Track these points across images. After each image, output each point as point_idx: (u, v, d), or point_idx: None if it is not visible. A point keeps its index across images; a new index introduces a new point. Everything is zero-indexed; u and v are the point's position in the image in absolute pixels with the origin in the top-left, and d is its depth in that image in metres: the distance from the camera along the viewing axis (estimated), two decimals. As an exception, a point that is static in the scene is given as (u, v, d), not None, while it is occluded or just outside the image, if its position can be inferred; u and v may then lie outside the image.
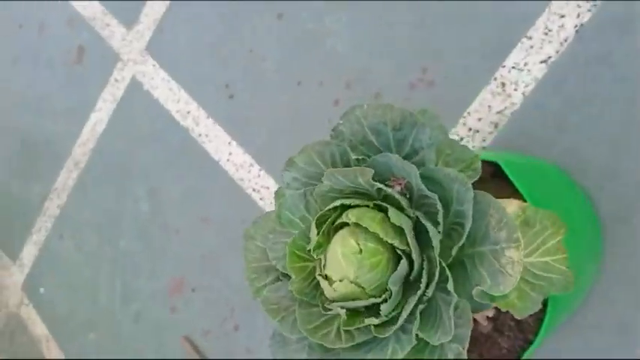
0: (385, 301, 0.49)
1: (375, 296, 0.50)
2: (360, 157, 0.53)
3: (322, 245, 0.52)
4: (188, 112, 1.24)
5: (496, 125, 0.89)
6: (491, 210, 0.48)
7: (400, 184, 0.52)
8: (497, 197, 0.55)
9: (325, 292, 0.52)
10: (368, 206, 0.52)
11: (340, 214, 0.52)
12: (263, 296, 0.56)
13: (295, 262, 0.53)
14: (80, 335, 1.42)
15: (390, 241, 0.49)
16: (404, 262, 0.49)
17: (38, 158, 1.53)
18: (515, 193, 0.63)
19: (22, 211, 1.56)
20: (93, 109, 1.40)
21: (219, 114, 1.20)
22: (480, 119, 0.90)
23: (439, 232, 0.49)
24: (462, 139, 0.92)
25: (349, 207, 0.52)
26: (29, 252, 1.54)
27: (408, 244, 0.49)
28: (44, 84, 1.51)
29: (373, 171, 0.50)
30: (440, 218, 0.49)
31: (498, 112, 0.89)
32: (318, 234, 0.52)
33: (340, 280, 0.50)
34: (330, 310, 0.51)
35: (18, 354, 1.55)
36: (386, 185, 0.51)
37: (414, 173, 0.49)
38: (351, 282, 0.49)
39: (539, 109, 0.85)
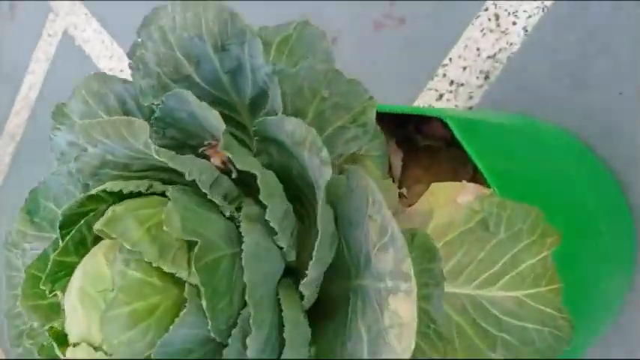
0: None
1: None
2: (157, 103, 0.28)
3: (64, 270, 0.28)
4: (121, 71, 1.01)
5: (487, 76, 0.63)
6: (369, 208, 0.23)
7: (220, 153, 0.27)
8: (440, 179, 0.31)
9: None
10: (155, 194, 0.27)
11: (104, 212, 0.27)
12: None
13: (30, 299, 0.29)
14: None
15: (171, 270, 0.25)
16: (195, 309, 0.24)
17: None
18: (478, 174, 0.37)
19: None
20: (26, 72, 1.19)
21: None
22: (465, 68, 0.64)
23: (282, 248, 0.25)
24: (440, 96, 0.66)
25: (124, 196, 0.28)
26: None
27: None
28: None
29: (147, 126, 0.25)
30: (275, 223, 0.24)
31: (490, 57, 0.63)
32: (61, 248, 0.28)
33: (76, 344, 0.26)
34: None
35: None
36: (199, 153, 0.27)
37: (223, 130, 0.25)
38: (95, 348, 0.25)
39: (547, 52, 0.59)
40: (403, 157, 0.40)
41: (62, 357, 0.27)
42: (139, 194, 0.27)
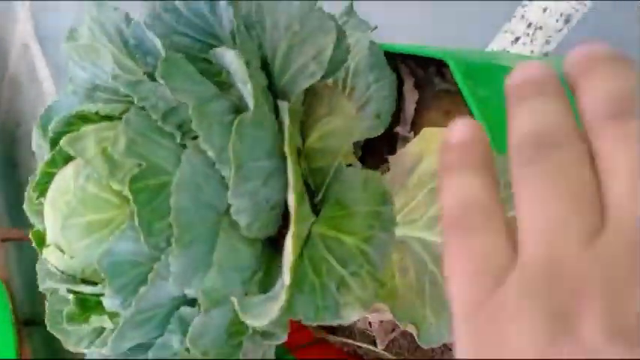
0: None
1: (91, 282, 0.28)
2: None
3: (49, 180, 0.31)
4: None
5: (567, 19, 0.57)
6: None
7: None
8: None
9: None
10: None
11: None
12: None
13: (31, 204, 0.32)
14: None
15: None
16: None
17: None
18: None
19: None
20: None
21: None
22: (545, 9, 0.59)
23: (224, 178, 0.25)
24: (517, 39, 0.62)
25: (107, 118, 0.30)
26: None
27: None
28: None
29: (110, 55, 0.27)
30: (213, 152, 0.25)
31: (573, -2, 0.57)
32: (48, 160, 0.30)
33: (48, 245, 0.29)
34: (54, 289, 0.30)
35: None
36: None
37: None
38: (60, 250, 0.28)
39: (636, -7, 0.53)
40: (422, 100, 0.39)
41: (42, 256, 0.31)
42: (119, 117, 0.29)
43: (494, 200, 0.19)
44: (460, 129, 0.21)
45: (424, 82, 0.39)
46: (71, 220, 0.27)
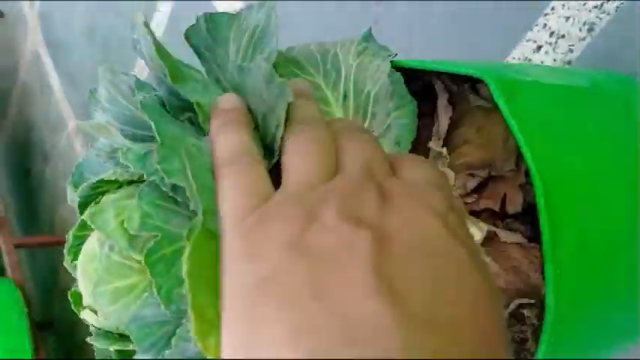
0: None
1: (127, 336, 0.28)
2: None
3: (81, 243, 0.32)
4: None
5: (591, 27, 0.57)
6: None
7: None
8: (489, 142, 0.31)
9: None
10: None
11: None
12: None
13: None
14: None
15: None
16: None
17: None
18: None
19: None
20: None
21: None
22: (568, 18, 0.59)
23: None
24: (539, 48, 0.61)
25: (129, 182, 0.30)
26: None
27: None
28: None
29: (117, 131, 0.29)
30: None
31: (596, 7, 0.57)
32: (78, 225, 0.31)
33: (84, 308, 0.30)
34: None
35: None
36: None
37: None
38: (95, 312, 0.29)
39: (661, 2, 0.52)
40: (455, 116, 0.38)
41: (80, 316, 0.32)
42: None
43: (257, 148, 0.26)
44: (225, 99, 0.27)
45: (458, 98, 0.39)
46: (99, 288, 0.29)
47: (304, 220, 0.22)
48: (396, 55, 0.37)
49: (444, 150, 0.36)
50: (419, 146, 0.38)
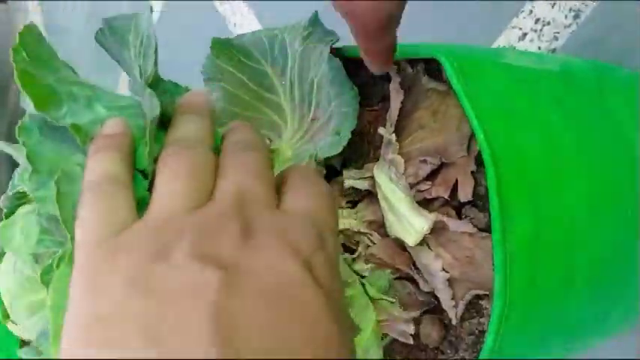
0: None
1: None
2: None
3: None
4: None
5: (577, 14, 0.55)
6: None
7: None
8: (444, 127, 0.30)
9: None
10: None
11: None
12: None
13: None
14: None
15: None
16: None
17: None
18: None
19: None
20: None
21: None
22: (553, 5, 0.57)
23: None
24: (524, 35, 0.60)
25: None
26: None
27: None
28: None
29: None
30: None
31: (582, -7, 0.55)
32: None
33: (8, 321, 0.30)
34: None
35: None
36: None
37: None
38: (17, 326, 0.29)
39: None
40: (409, 100, 0.37)
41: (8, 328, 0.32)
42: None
43: (127, 175, 0.24)
44: (108, 124, 0.26)
45: (412, 81, 0.37)
46: (15, 302, 0.28)
47: (154, 255, 0.21)
48: (338, 39, 0.36)
49: (393, 137, 0.35)
50: (372, 133, 0.37)
